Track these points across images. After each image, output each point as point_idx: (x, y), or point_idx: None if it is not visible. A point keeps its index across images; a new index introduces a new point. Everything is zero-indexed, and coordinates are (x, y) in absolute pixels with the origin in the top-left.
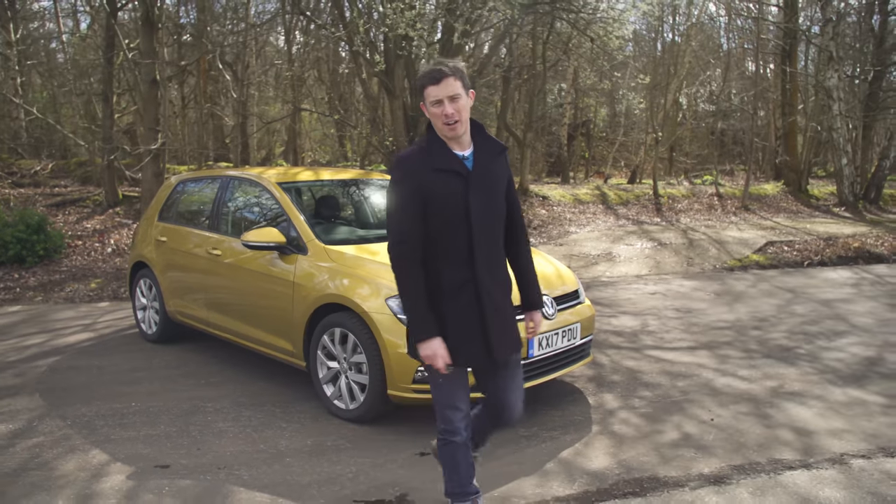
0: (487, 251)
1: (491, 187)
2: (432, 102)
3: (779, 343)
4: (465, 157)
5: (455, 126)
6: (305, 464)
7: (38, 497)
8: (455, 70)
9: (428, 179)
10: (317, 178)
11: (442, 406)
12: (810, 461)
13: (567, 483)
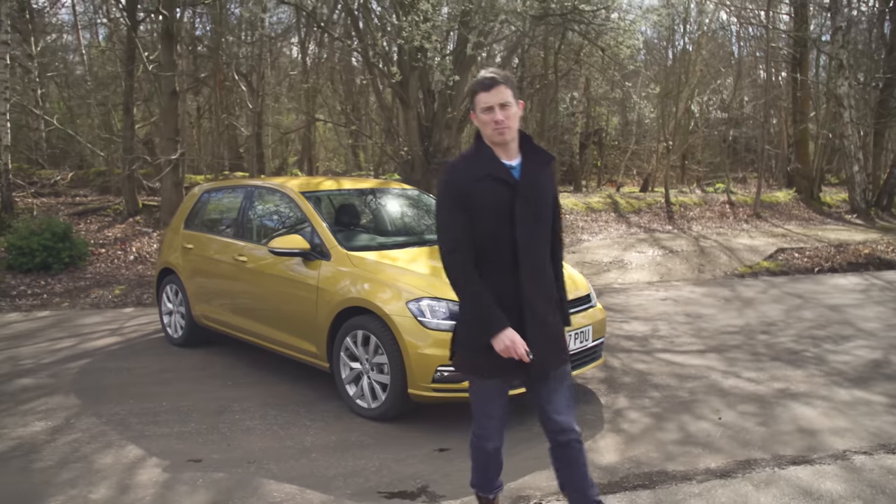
0: (532, 263)
1: (538, 198)
2: (483, 109)
3: (786, 346)
4: (512, 166)
5: (504, 132)
6: (330, 458)
7: (81, 487)
8: (506, 79)
9: (474, 188)
10: (337, 188)
11: (477, 412)
12: (813, 457)
13: None
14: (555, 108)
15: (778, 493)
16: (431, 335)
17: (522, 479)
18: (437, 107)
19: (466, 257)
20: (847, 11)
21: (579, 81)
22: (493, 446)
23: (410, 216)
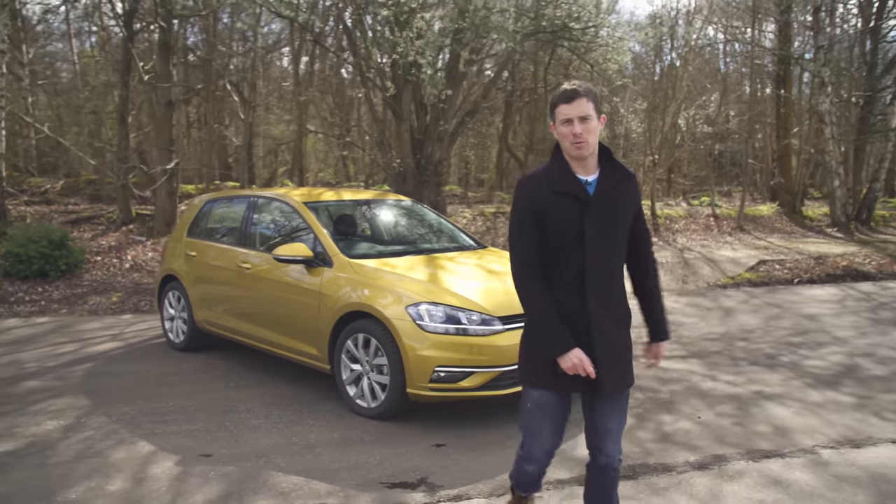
0: (602, 281)
1: (612, 215)
2: (562, 121)
3: (764, 352)
4: (588, 182)
5: (582, 146)
6: (334, 453)
7: (98, 479)
8: (588, 92)
9: (546, 202)
10: (338, 198)
11: (524, 430)
12: (784, 451)
13: (566, 469)
14: (544, 121)
15: (750, 482)
16: (429, 338)
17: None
18: (429, 119)
19: (533, 269)
20: (829, 31)
21: None
22: (534, 469)
23: (407, 226)
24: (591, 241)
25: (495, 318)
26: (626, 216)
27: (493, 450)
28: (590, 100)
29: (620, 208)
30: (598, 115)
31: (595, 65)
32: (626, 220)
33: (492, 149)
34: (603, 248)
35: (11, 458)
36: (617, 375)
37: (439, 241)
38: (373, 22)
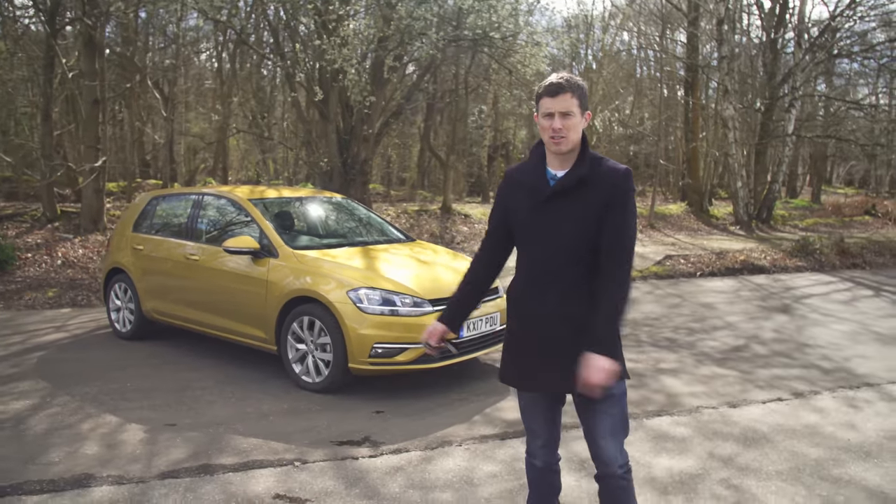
0: (547, 276)
1: (565, 209)
2: (544, 114)
3: (665, 336)
4: (556, 175)
5: (560, 142)
6: (286, 420)
7: (74, 445)
8: (575, 87)
9: (511, 191)
10: (279, 195)
11: (525, 427)
12: (672, 411)
13: (489, 427)
14: (464, 122)
15: (643, 435)
16: (368, 318)
17: (445, 431)
18: (354, 120)
19: (479, 256)
20: (731, 42)
21: (487, 97)
22: (540, 463)
23: (342, 220)
24: (537, 233)
25: (426, 301)
26: (585, 212)
27: (425, 415)
28: (574, 95)
29: (584, 205)
30: (582, 111)
31: (514, 70)
32: (585, 216)
33: (413, 148)
34: (551, 243)
35: None
36: (553, 375)
37: (372, 234)
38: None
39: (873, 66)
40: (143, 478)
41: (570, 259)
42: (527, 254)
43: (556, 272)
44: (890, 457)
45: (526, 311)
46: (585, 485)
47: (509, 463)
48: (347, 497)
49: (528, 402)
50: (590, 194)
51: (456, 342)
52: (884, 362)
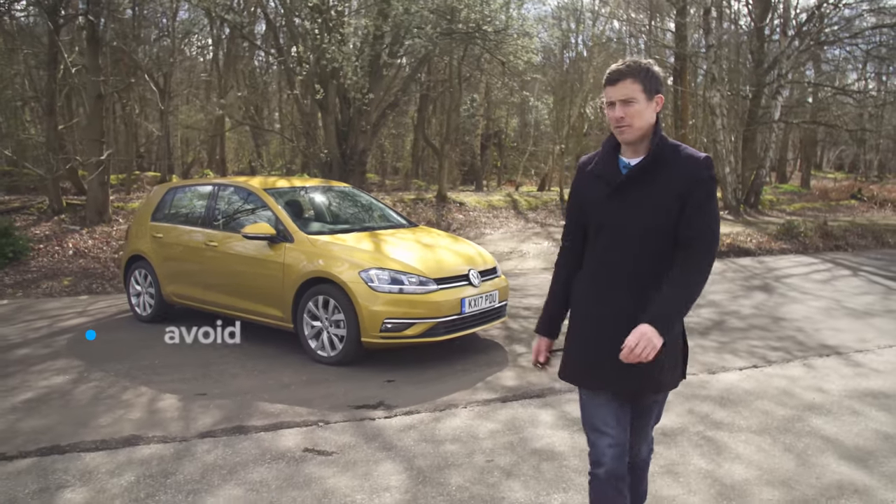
0: (623, 269)
1: (643, 200)
2: (607, 104)
3: None
4: (629, 164)
5: (624, 130)
6: (306, 389)
7: (118, 412)
8: (637, 71)
9: (584, 182)
10: (290, 185)
11: (588, 430)
12: None
13: (490, 392)
14: (457, 111)
15: None
16: (379, 296)
17: (450, 396)
18: (352, 113)
19: (560, 254)
20: (717, 31)
21: (480, 86)
22: (606, 471)
23: (349, 207)
24: (612, 225)
25: (431, 280)
26: (660, 201)
27: (432, 382)
28: (637, 80)
29: (654, 193)
30: (649, 95)
31: (507, 61)
32: (660, 205)
33: (406, 138)
34: (627, 235)
35: (37, 403)
36: (631, 375)
37: (376, 220)
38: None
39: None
40: (185, 437)
41: (646, 251)
42: (600, 246)
43: (632, 265)
44: (848, 413)
45: (599, 306)
46: (579, 440)
47: (509, 422)
48: (368, 450)
49: (594, 395)
50: (665, 183)
51: (459, 317)
52: (853, 334)
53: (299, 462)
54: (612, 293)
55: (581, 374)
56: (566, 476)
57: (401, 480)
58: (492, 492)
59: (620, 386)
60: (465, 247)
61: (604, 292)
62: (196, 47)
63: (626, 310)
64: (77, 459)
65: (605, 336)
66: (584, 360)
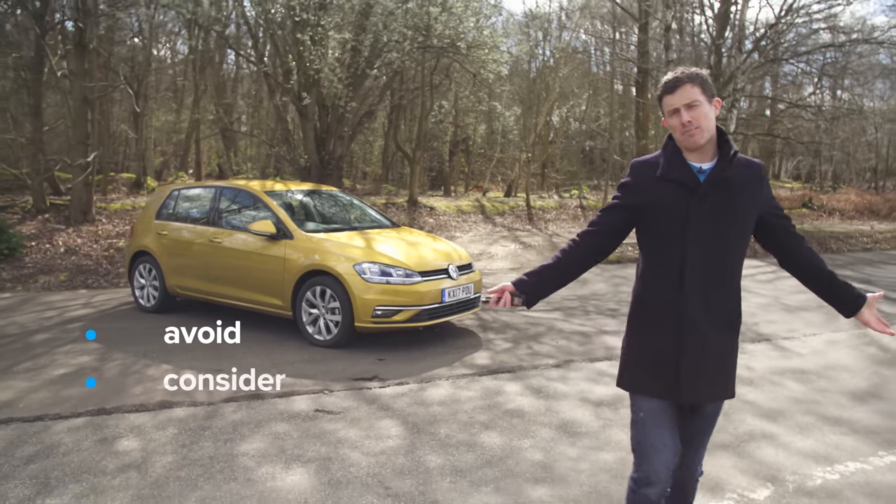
0: (707, 275)
1: (725, 204)
2: (669, 112)
3: (609, 307)
4: (701, 169)
5: (694, 133)
6: (308, 366)
7: (147, 384)
8: (694, 77)
9: (652, 186)
10: (286, 188)
11: (641, 447)
12: (610, 357)
13: (468, 369)
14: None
15: (585, 373)
16: (371, 286)
17: (431, 372)
18: (330, 119)
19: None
20: (677, 47)
21: (448, 94)
22: (657, 493)
23: (339, 209)
24: (696, 230)
25: (416, 273)
26: (745, 207)
27: (417, 361)
28: (695, 84)
29: (737, 197)
30: (709, 98)
31: (477, 73)
32: (745, 211)
33: (375, 143)
34: (711, 239)
35: (73, 377)
36: (706, 382)
37: (364, 220)
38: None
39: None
40: (212, 401)
41: (733, 257)
42: (677, 254)
43: (714, 270)
44: (768, 384)
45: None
46: (543, 403)
47: (484, 391)
48: (368, 410)
49: (655, 412)
50: (741, 188)
51: (440, 305)
52: (784, 325)
53: (312, 419)
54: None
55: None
56: (532, 429)
57: (399, 431)
58: (473, 438)
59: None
60: (443, 245)
61: (691, 300)
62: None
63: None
64: (123, 419)
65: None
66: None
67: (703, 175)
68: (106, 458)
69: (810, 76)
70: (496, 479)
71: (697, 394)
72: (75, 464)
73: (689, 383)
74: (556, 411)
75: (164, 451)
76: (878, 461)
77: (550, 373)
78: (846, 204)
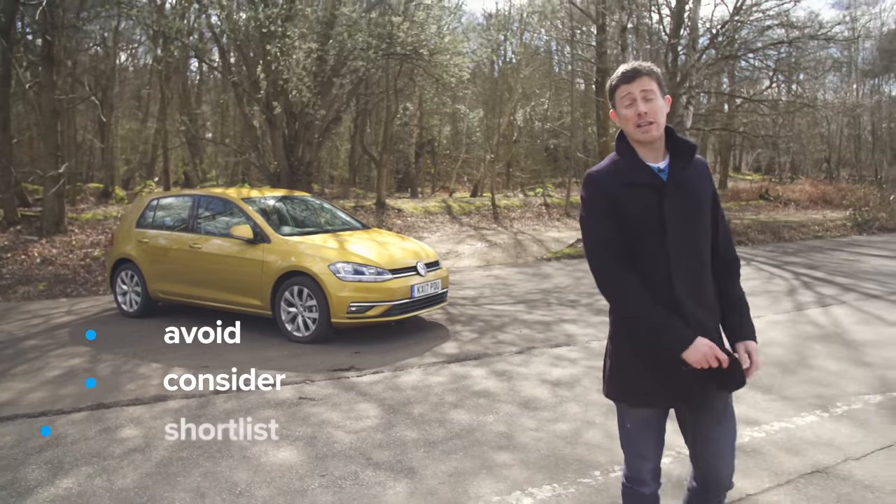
0: (689, 273)
1: (691, 201)
2: (624, 103)
3: (569, 299)
4: (660, 168)
5: (650, 128)
6: (288, 360)
7: (139, 381)
8: (651, 71)
9: (619, 194)
10: (261, 195)
11: (628, 452)
12: (569, 344)
13: (437, 357)
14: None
15: (546, 358)
16: (345, 285)
17: (403, 361)
18: (298, 126)
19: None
20: (633, 46)
21: (413, 96)
22: (650, 491)
23: (311, 213)
24: (673, 227)
25: (386, 271)
26: (705, 200)
27: (390, 352)
28: (652, 78)
29: (697, 192)
30: (662, 94)
31: (439, 78)
32: (705, 204)
33: (341, 147)
34: (688, 237)
35: (67, 378)
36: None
37: (335, 223)
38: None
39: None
40: (203, 394)
41: (701, 258)
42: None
43: (696, 264)
44: None
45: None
46: (507, 385)
47: (452, 376)
48: (347, 396)
49: (642, 423)
50: (699, 185)
51: (410, 301)
52: None
53: (296, 405)
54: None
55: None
56: (496, 406)
57: (376, 412)
58: (444, 416)
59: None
60: (411, 244)
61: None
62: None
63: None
64: (122, 412)
65: None
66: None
67: (663, 174)
68: (111, 445)
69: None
70: (465, 448)
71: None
72: (84, 450)
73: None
74: (517, 391)
75: (164, 437)
76: (800, 420)
77: (513, 358)
78: (801, 194)
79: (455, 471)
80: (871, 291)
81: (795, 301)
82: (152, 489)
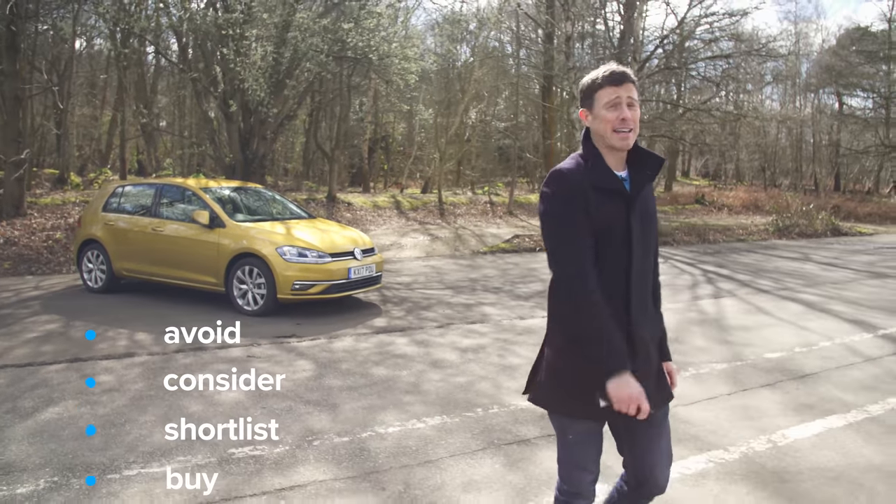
0: (642, 284)
1: (647, 213)
2: (607, 105)
3: (494, 286)
4: (623, 178)
5: (628, 135)
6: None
7: (108, 342)
8: (635, 79)
9: (588, 196)
10: (218, 185)
11: (568, 466)
12: (483, 321)
13: (367, 329)
14: (347, 119)
15: (461, 331)
16: (290, 265)
17: (337, 332)
18: (253, 121)
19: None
20: (577, 54)
21: (368, 92)
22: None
23: (261, 202)
24: (636, 240)
25: (327, 254)
26: (655, 213)
27: (328, 323)
28: (635, 87)
29: (652, 208)
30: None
31: (389, 81)
32: (656, 222)
33: (296, 141)
34: (645, 250)
35: (44, 339)
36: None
37: (284, 212)
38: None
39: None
40: (165, 352)
41: (650, 275)
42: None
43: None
44: None
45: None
46: (423, 350)
47: (378, 342)
48: (288, 356)
49: (586, 435)
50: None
51: (346, 281)
52: None
53: (245, 362)
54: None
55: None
56: (411, 364)
57: (311, 367)
58: (366, 371)
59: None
60: (350, 232)
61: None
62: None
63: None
64: (96, 364)
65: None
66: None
67: (626, 183)
68: (91, 387)
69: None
70: (379, 392)
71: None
72: (69, 389)
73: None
74: (431, 354)
75: (134, 382)
76: None
77: (433, 331)
78: (735, 200)
79: (369, 406)
80: (763, 287)
81: (694, 293)
82: (127, 415)
